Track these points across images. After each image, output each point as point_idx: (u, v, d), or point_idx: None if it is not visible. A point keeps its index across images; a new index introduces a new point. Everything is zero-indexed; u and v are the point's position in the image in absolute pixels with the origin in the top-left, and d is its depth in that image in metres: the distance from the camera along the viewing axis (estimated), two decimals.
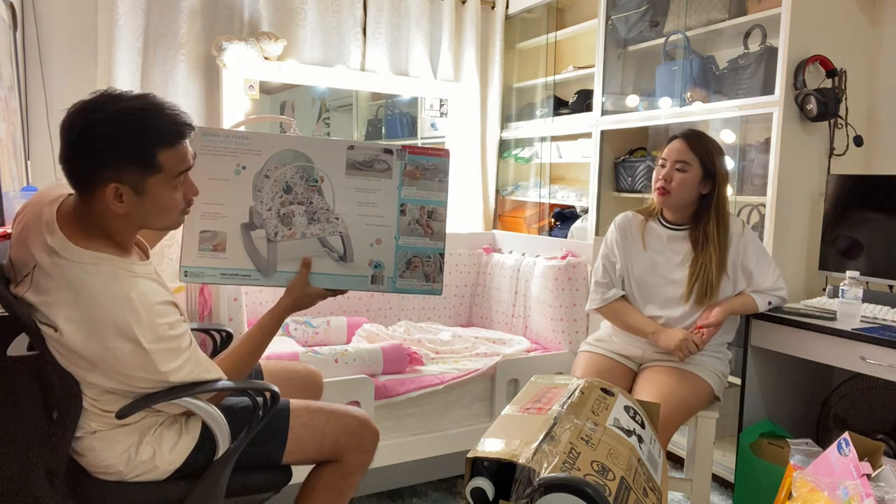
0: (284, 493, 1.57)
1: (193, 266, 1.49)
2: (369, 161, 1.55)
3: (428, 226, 1.58)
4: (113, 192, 1.21)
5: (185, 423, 1.40)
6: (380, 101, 4.27)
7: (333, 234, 1.54)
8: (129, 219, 1.26)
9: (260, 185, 1.50)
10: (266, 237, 1.51)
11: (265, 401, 1.40)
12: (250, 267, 1.51)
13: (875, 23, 2.49)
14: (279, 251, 1.52)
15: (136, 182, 1.22)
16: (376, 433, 1.59)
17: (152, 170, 1.22)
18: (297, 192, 1.52)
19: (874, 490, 1.36)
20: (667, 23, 2.86)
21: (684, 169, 1.99)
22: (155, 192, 1.25)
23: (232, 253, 1.50)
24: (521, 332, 2.91)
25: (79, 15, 2.69)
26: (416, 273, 1.59)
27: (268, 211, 1.51)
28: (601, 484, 1.18)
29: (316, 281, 1.53)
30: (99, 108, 1.20)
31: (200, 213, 1.48)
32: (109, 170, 1.20)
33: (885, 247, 2.17)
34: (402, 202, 1.57)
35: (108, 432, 1.31)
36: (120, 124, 1.19)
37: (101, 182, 1.21)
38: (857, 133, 2.41)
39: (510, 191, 3.75)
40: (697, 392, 1.96)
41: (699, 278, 1.99)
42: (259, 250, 1.51)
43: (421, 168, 1.57)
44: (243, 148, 1.49)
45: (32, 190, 2.12)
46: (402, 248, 1.57)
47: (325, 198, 1.53)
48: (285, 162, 1.51)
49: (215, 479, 1.37)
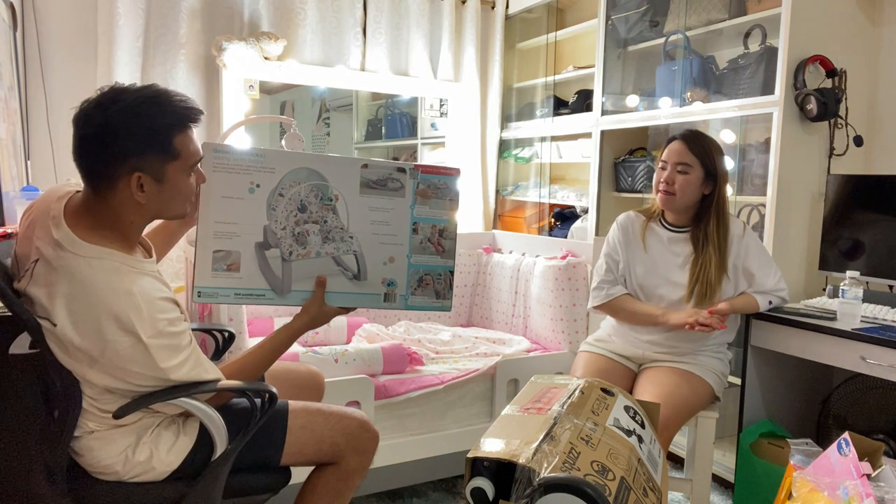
0: (284, 494, 1.56)
1: (207, 286, 1.46)
2: (383, 180, 1.53)
3: (439, 244, 1.59)
4: (136, 182, 1.23)
5: (183, 424, 1.40)
6: (380, 101, 4.27)
7: (348, 252, 1.53)
8: (147, 209, 1.29)
9: (274, 203, 1.47)
10: (281, 256, 1.49)
11: (263, 402, 1.40)
12: (265, 286, 1.50)
13: (875, 23, 2.49)
14: (294, 270, 1.51)
15: (157, 170, 1.25)
16: (376, 435, 1.59)
17: (171, 156, 1.26)
18: (311, 211, 1.50)
19: (874, 490, 1.36)
20: (667, 23, 2.86)
21: (686, 171, 1.99)
22: (174, 179, 1.28)
23: (246, 272, 1.48)
24: (521, 332, 2.91)
25: (79, 15, 2.69)
26: (427, 291, 1.59)
27: (282, 230, 1.49)
28: (601, 484, 1.18)
29: (330, 299, 1.53)
30: (113, 102, 1.21)
31: (213, 232, 1.45)
32: (132, 159, 1.22)
33: (885, 247, 2.17)
34: (415, 221, 1.56)
35: (105, 432, 1.31)
36: (136, 114, 1.21)
37: (125, 173, 1.23)
38: (857, 133, 2.41)
39: (510, 191, 3.75)
40: (698, 392, 1.96)
41: (699, 279, 1.99)
42: (274, 270, 1.49)
43: (433, 187, 1.57)
44: (257, 165, 1.46)
45: (32, 190, 2.13)
46: (414, 266, 1.58)
47: (339, 216, 1.52)
48: (300, 180, 1.49)
49: (213, 480, 1.37)
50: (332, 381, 2.10)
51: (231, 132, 2.75)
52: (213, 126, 2.91)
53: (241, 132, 2.92)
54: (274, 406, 1.42)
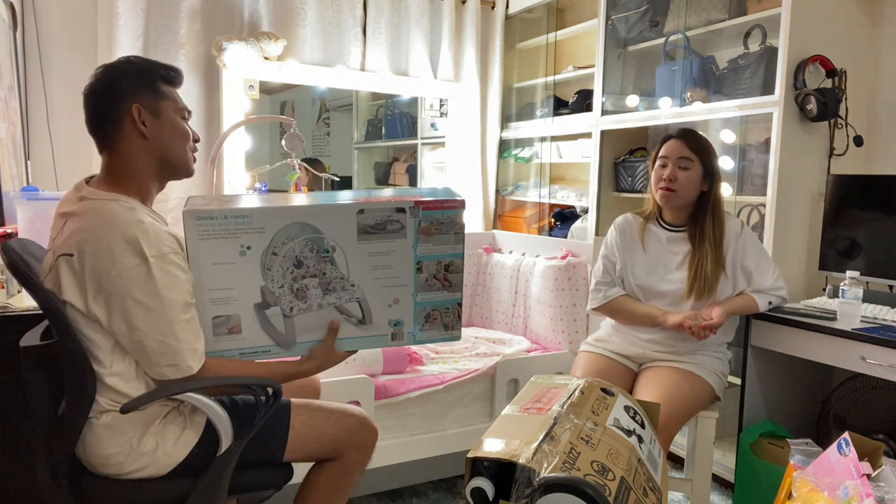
0: (284, 491, 1.57)
1: (211, 351, 1.41)
2: (381, 223, 1.45)
3: (445, 279, 1.52)
4: (137, 113, 1.38)
5: (189, 416, 1.42)
6: (380, 101, 4.27)
7: (350, 300, 1.48)
8: (151, 147, 1.40)
9: (269, 263, 1.40)
10: (282, 313, 1.44)
11: (268, 398, 1.41)
12: (270, 343, 1.46)
13: (875, 23, 2.49)
14: (297, 324, 1.46)
15: (152, 105, 1.40)
16: (375, 431, 1.61)
17: (160, 96, 1.42)
18: (308, 266, 1.43)
19: (874, 490, 1.36)
20: (667, 23, 2.86)
21: (688, 166, 2.00)
22: (169, 116, 1.42)
23: (248, 332, 1.43)
24: (521, 332, 2.91)
25: (79, 15, 2.69)
26: (436, 325, 1.54)
27: (280, 288, 1.42)
28: (601, 484, 1.18)
29: (337, 345, 1.50)
30: (109, 64, 1.44)
31: (210, 299, 1.39)
32: (129, 96, 1.38)
33: (885, 247, 2.17)
34: (419, 260, 1.49)
35: (114, 419, 1.33)
36: (128, 62, 1.44)
37: (125, 110, 1.38)
38: (857, 133, 2.41)
39: (510, 191, 3.75)
40: (698, 392, 1.96)
41: (697, 275, 2.00)
42: (276, 327, 1.45)
43: (436, 223, 1.47)
44: (244, 227, 1.37)
45: (32, 190, 2.12)
46: (421, 304, 1.52)
47: (338, 267, 1.45)
48: (292, 236, 1.40)
49: (218, 476, 1.38)
50: (332, 381, 2.10)
51: (231, 132, 2.75)
52: (214, 126, 2.91)
53: (241, 132, 2.92)
54: (279, 402, 1.43)
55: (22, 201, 2.02)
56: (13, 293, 2.04)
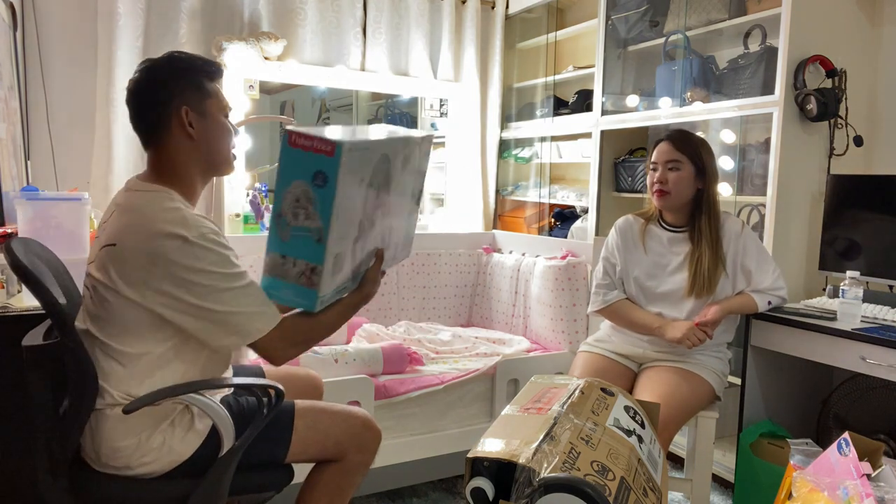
0: (285, 491, 1.57)
1: (326, 294, 1.35)
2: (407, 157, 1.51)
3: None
4: (185, 116, 1.39)
5: (198, 416, 1.41)
6: (380, 101, 4.27)
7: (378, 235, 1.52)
8: (198, 148, 1.42)
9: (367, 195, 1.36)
10: (362, 245, 1.43)
11: (270, 399, 1.41)
12: (349, 277, 1.43)
13: (875, 23, 2.49)
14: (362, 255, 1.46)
15: (199, 104, 1.41)
16: (378, 433, 1.60)
17: (205, 94, 1.43)
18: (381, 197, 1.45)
19: (874, 490, 1.36)
20: (667, 23, 2.86)
21: (677, 167, 2.01)
22: (214, 115, 1.44)
23: (346, 268, 1.39)
24: (521, 332, 2.91)
25: (79, 15, 2.69)
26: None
27: (367, 220, 1.40)
28: (601, 484, 1.18)
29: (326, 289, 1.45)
30: (154, 63, 1.43)
31: (337, 236, 1.30)
32: (177, 98, 1.39)
33: (885, 247, 2.17)
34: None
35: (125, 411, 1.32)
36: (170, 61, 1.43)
37: (173, 110, 1.39)
38: (857, 133, 2.41)
39: (510, 191, 3.75)
40: (698, 392, 1.96)
41: (697, 273, 2.00)
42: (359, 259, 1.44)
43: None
44: (368, 160, 1.32)
45: (32, 190, 2.12)
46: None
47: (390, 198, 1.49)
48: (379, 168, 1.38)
49: (219, 476, 1.38)
50: (332, 381, 2.10)
51: None
52: None
53: (242, 132, 2.92)
54: (281, 402, 1.43)
55: (22, 201, 2.02)
56: (13, 293, 2.04)
